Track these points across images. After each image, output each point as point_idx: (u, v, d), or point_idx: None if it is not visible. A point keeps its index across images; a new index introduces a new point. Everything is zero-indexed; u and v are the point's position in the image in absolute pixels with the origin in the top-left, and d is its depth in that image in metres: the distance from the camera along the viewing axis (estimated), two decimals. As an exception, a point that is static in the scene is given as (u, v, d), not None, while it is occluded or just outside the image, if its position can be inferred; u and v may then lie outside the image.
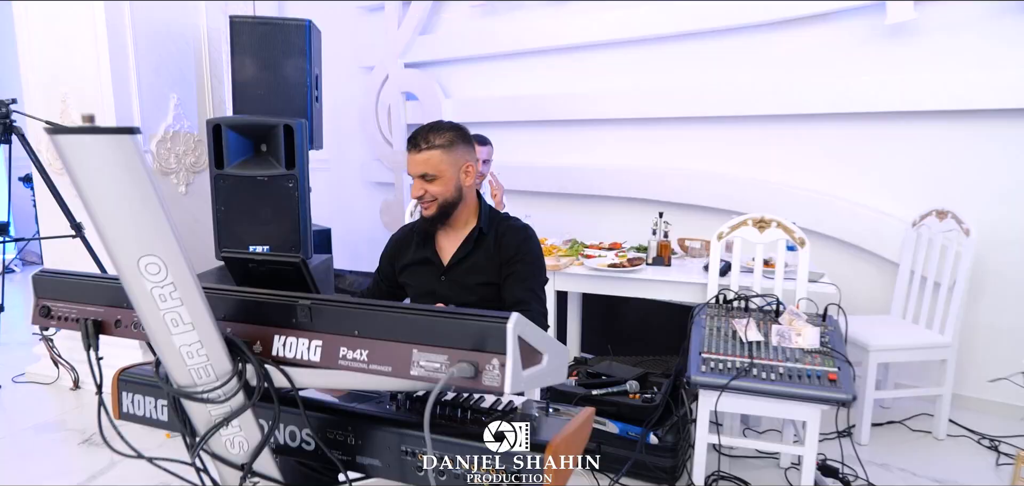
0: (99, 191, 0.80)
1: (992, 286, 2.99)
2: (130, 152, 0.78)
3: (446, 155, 1.60)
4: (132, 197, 0.81)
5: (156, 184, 0.83)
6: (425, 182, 1.61)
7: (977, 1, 2.84)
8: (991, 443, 2.72)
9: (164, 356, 0.94)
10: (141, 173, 0.80)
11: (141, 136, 0.81)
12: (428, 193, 1.61)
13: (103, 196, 0.80)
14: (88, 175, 0.78)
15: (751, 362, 2.10)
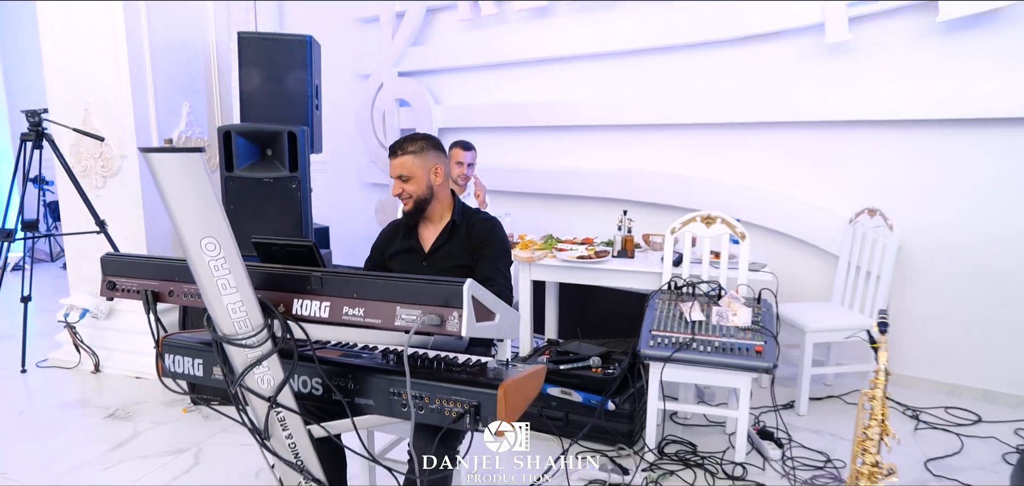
0: (175, 191, 1.14)
1: (917, 277, 3.35)
2: (197, 164, 1.13)
3: (417, 159, 1.97)
4: (197, 195, 1.15)
5: (214, 186, 1.17)
6: (402, 182, 1.98)
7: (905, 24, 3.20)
8: (912, 413, 3.09)
9: (214, 312, 1.28)
10: (204, 178, 1.15)
11: (205, 154, 1.15)
12: (404, 191, 1.98)
13: (178, 195, 1.15)
14: (169, 180, 1.13)
15: (692, 337, 2.46)
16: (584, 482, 2.42)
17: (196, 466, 2.58)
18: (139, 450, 2.71)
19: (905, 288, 3.38)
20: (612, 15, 4.06)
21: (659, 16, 3.87)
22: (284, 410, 1.40)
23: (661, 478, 2.45)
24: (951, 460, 2.66)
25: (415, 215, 2.01)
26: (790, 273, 3.54)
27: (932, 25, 3.11)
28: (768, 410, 2.96)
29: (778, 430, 2.78)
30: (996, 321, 3.16)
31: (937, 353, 3.35)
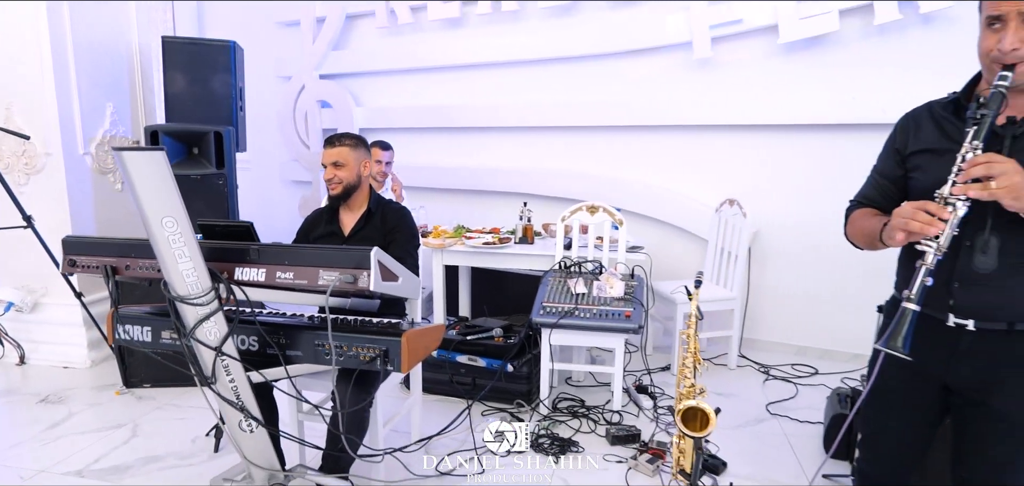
0: (142, 180, 1.46)
1: (770, 256, 3.99)
2: (161, 160, 1.46)
3: (352, 152, 2.35)
4: (161, 183, 1.48)
5: (172, 176, 1.50)
6: (336, 168, 2.34)
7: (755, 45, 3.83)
8: (764, 369, 3.71)
9: (171, 277, 1.60)
10: (166, 170, 1.48)
11: (165, 153, 1.48)
12: (337, 176, 2.34)
13: (145, 183, 1.47)
14: (138, 172, 1.45)
15: (575, 307, 2.94)
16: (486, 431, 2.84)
17: (134, 438, 2.81)
18: (75, 428, 2.90)
19: (762, 266, 4.02)
20: (517, 28, 4.51)
21: (557, 31, 4.36)
22: (227, 358, 1.73)
23: (551, 426, 2.91)
24: (786, 403, 3.26)
25: (342, 198, 2.37)
26: (669, 254, 4.12)
27: (775, 46, 3.75)
28: (645, 372, 3.49)
29: (653, 386, 3.32)
30: (833, 292, 3.82)
31: (786, 320, 4.00)
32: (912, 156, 1.45)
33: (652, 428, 2.92)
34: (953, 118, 1.38)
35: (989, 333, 1.35)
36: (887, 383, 1.45)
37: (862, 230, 1.52)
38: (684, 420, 1.93)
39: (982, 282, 1.32)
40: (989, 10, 1.28)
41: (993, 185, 1.19)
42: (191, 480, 2.48)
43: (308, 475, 2.08)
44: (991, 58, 1.28)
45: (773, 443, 2.83)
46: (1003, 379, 1.36)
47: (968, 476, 1.48)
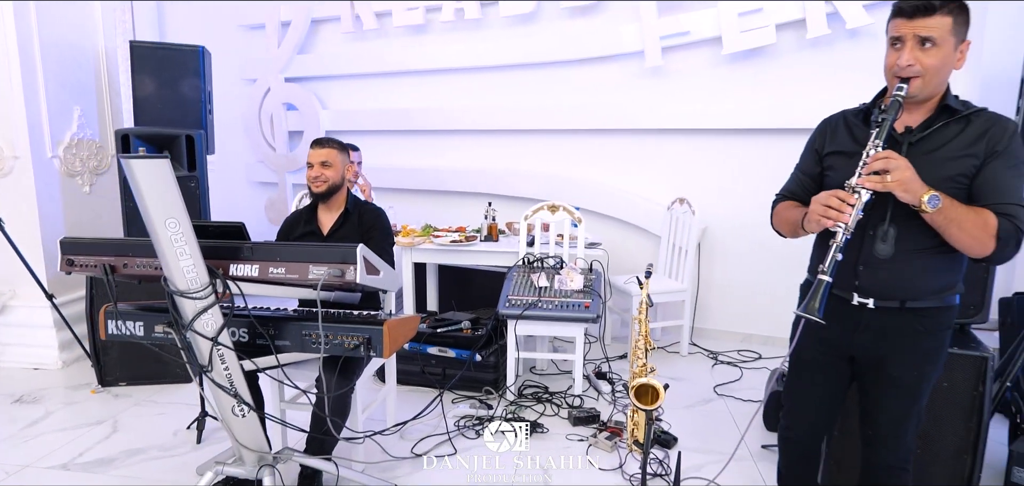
0: (148, 185, 1.61)
1: (718, 252, 4.30)
2: (164, 166, 1.61)
3: (339, 154, 2.54)
4: (165, 188, 1.62)
5: (175, 181, 1.64)
6: (323, 168, 2.51)
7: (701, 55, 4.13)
8: (712, 355, 4.02)
9: (172, 274, 1.74)
10: (169, 176, 1.62)
11: (168, 159, 1.62)
12: (322, 174, 2.50)
13: (150, 188, 1.61)
14: (143, 177, 1.59)
15: (539, 299, 3.16)
16: (457, 417, 3.04)
17: (115, 433, 2.90)
18: (54, 426, 2.97)
19: (710, 260, 4.32)
20: (479, 36, 4.71)
21: (518, 39, 4.58)
22: (223, 348, 1.88)
23: (518, 411, 3.12)
24: (732, 385, 3.56)
25: (325, 197, 2.53)
26: (624, 250, 4.39)
27: (720, 56, 4.05)
28: (604, 360, 3.74)
29: (611, 372, 3.57)
30: (774, 283, 4.13)
31: (734, 310, 4.31)
32: (828, 156, 1.72)
33: (610, 410, 3.17)
34: (862, 125, 1.65)
35: (885, 310, 1.62)
36: (803, 356, 1.73)
37: (786, 220, 1.78)
38: (637, 396, 2.17)
39: (881, 266, 1.59)
40: (892, 32, 1.55)
41: (888, 178, 1.45)
42: (176, 470, 2.59)
43: (294, 457, 2.23)
44: (892, 72, 1.55)
45: (719, 420, 3.11)
46: (896, 349, 1.64)
47: (872, 432, 1.76)
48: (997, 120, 1.53)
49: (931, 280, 1.58)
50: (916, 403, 1.68)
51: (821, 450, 2.04)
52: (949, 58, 1.49)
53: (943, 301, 1.61)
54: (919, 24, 1.47)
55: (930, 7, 1.45)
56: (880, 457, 1.74)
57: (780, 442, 2.03)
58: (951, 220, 1.46)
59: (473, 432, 2.91)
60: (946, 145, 1.53)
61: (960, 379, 2.20)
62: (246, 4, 5.40)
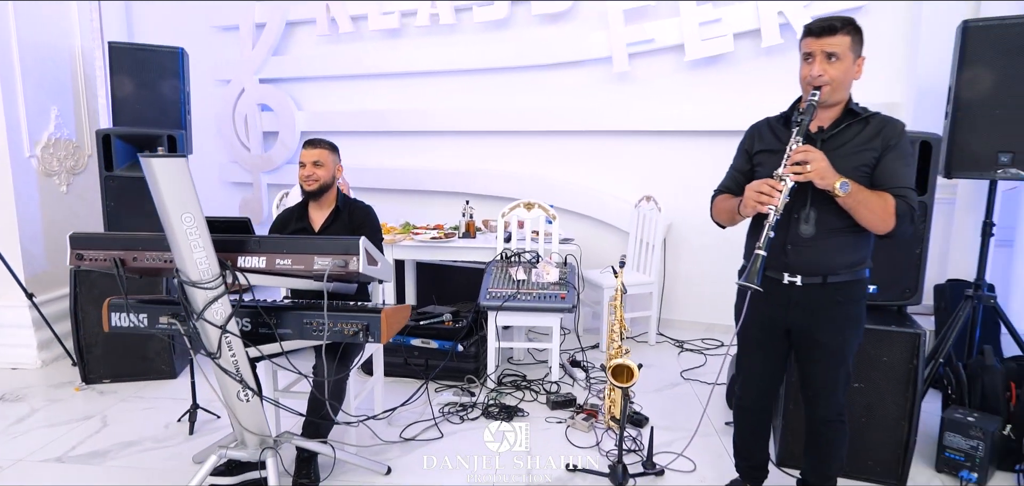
0: (166, 182, 1.73)
1: (683, 246, 4.55)
2: (181, 164, 1.73)
3: (330, 154, 2.67)
4: (181, 185, 1.75)
5: (191, 178, 1.76)
6: (315, 167, 2.62)
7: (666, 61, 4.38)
8: (678, 343, 4.26)
9: (186, 265, 1.86)
10: (186, 173, 1.74)
11: (187, 159, 1.74)
12: (314, 173, 2.62)
13: (167, 185, 1.73)
14: (163, 174, 1.71)
15: (517, 291, 3.34)
16: (441, 405, 3.19)
17: (105, 427, 2.96)
18: (42, 422, 3.01)
19: (676, 254, 4.57)
20: (454, 40, 4.87)
21: (491, 44, 4.75)
22: (231, 336, 2.00)
23: (499, 397, 3.29)
24: (697, 370, 3.79)
25: (316, 195, 2.65)
26: (595, 246, 4.60)
27: (683, 63, 4.31)
28: (579, 350, 3.94)
29: (586, 360, 3.77)
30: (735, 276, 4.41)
31: (699, 301, 4.56)
32: (757, 154, 2.01)
33: (585, 394, 3.37)
34: (783, 127, 1.95)
35: (811, 286, 1.90)
36: (749, 334, 2.02)
37: (724, 210, 2.08)
38: (614, 375, 2.37)
39: (805, 245, 1.88)
40: (804, 48, 1.86)
41: (808, 168, 1.74)
42: (172, 459, 2.68)
43: (294, 439, 2.36)
44: (806, 82, 1.85)
45: (686, 401, 3.34)
46: (823, 319, 1.93)
47: (811, 393, 2.06)
48: (889, 121, 1.85)
49: (846, 256, 1.87)
50: (843, 364, 1.97)
51: (770, 419, 2.29)
52: (850, 70, 1.81)
53: (855, 275, 1.91)
54: (825, 42, 1.78)
55: (833, 28, 1.78)
56: (818, 413, 2.04)
57: (735, 411, 2.27)
58: (859, 202, 1.76)
59: (457, 417, 3.07)
60: (851, 141, 1.84)
61: (898, 355, 2.47)
62: (218, 5, 5.43)
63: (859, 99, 1.93)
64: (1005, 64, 2.74)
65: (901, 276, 2.59)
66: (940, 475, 2.61)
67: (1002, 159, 2.79)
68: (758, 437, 2.25)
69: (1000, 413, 2.66)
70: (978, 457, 2.54)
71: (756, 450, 2.26)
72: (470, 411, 3.13)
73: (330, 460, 2.47)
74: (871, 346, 2.48)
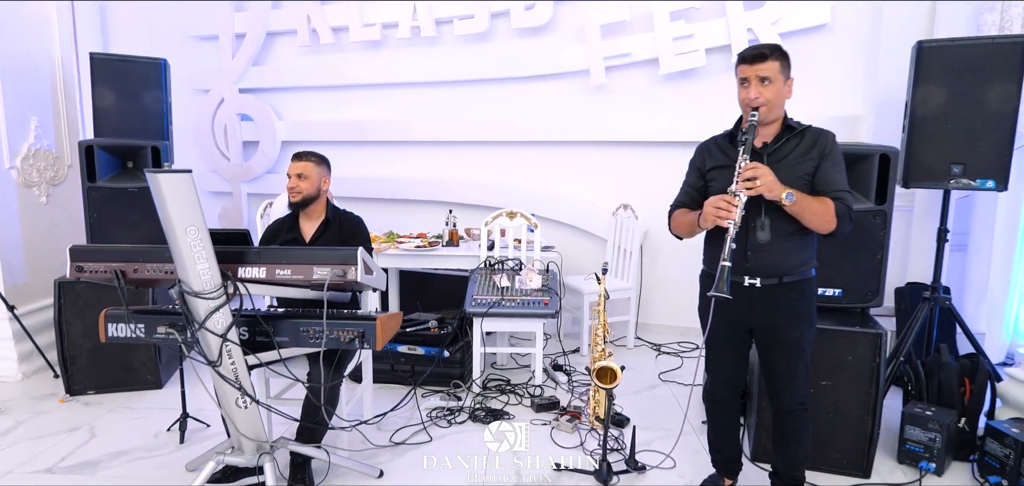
0: (173, 196, 1.79)
1: (660, 253, 4.71)
2: (187, 179, 1.79)
3: (315, 167, 2.73)
4: (186, 200, 1.81)
5: (196, 193, 1.83)
6: (299, 179, 2.69)
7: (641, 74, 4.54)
8: (656, 346, 4.41)
9: (189, 276, 1.92)
10: (191, 189, 1.81)
11: (192, 174, 1.81)
12: (298, 186, 2.68)
13: (174, 199, 1.79)
14: (169, 189, 1.77)
15: (502, 298, 3.44)
16: (429, 409, 3.27)
17: (93, 438, 2.96)
18: (29, 434, 3.00)
19: (653, 260, 4.72)
20: (434, 52, 4.96)
21: (471, 56, 4.86)
22: (231, 344, 2.06)
23: (485, 401, 3.39)
24: (674, 372, 3.94)
25: (300, 206, 2.71)
26: (575, 253, 4.73)
27: (657, 76, 4.47)
28: (561, 354, 4.06)
29: (568, 364, 3.89)
30: (705, 279, 4.59)
31: (675, 306, 4.72)
32: (709, 171, 2.19)
33: (568, 397, 3.48)
34: (729, 145, 2.15)
35: (769, 286, 2.08)
36: (716, 335, 2.16)
37: (684, 224, 2.23)
38: (598, 377, 2.49)
39: (763, 250, 2.05)
40: (739, 74, 2.07)
41: (758, 183, 1.91)
42: (163, 468, 2.71)
43: (289, 445, 2.42)
44: (745, 104, 2.05)
45: (664, 402, 3.47)
46: (782, 317, 2.11)
47: (775, 386, 2.23)
48: (822, 132, 2.08)
49: (797, 257, 2.07)
50: (802, 356, 2.15)
51: (739, 413, 2.47)
52: (781, 90, 2.03)
53: (805, 274, 2.11)
54: (758, 68, 2.00)
55: (763, 55, 2.01)
56: (784, 404, 2.21)
57: (707, 405, 2.42)
58: (804, 208, 1.96)
59: (445, 421, 3.16)
60: (792, 154, 2.05)
61: (861, 353, 2.64)
62: (197, 15, 5.43)
63: (824, 112, 2.13)
64: (956, 82, 2.95)
65: (864, 281, 2.77)
66: (901, 466, 2.79)
67: (954, 170, 3.00)
68: (730, 429, 2.41)
69: (955, 407, 2.86)
70: (936, 448, 2.72)
71: (729, 443, 2.42)
72: (457, 415, 3.21)
73: (324, 465, 2.54)
74: (837, 347, 2.65)
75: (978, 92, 2.92)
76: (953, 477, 2.72)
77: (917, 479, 2.68)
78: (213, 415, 3.06)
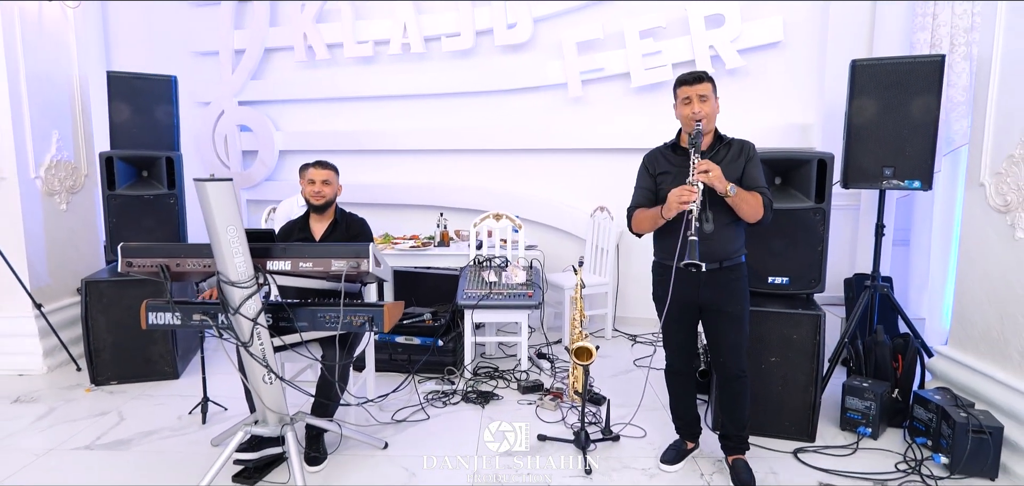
0: (217, 201, 2.13)
1: (634, 250, 5.09)
2: (229, 187, 2.14)
3: (334, 175, 3.08)
4: (228, 203, 2.16)
5: (235, 198, 2.18)
6: (325, 185, 3.02)
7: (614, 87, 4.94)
8: (631, 336, 4.81)
9: (227, 268, 2.26)
10: (231, 194, 2.16)
11: (232, 182, 2.15)
12: (323, 191, 3.01)
13: (218, 203, 2.14)
14: (215, 196, 2.12)
15: (490, 292, 3.81)
16: (425, 393, 3.62)
17: (122, 421, 3.27)
18: (63, 418, 3.30)
19: (628, 257, 5.11)
20: (424, 67, 5.33)
21: (458, 71, 5.24)
22: (260, 326, 2.41)
23: (476, 385, 3.74)
24: (647, 359, 4.32)
25: (323, 208, 3.04)
26: (556, 252, 5.11)
27: (629, 89, 4.88)
28: (545, 345, 4.43)
29: (550, 354, 4.26)
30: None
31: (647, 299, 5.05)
32: (657, 176, 2.60)
33: (551, 381, 3.85)
34: (671, 154, 2.59)
35: (713, 270, 2.49)
36: (671, 314, 2.57)
37: (646, 218, 2.59)
38: (576, 355, 2.86)
39: (708, 239, 2.42)
40: (681, 95, 2.50)
41: (710, 174, 2.32)
42: (191, 444, 3.03)
43: (306, 418, 2.76)
44: (688, 118, 2.47)
45: (638, 383, 3.84)
46: (725, 295, 2.53)
47: (720, 357, 2.64)
48: (745, 142, 2.56)
49: (733, 245, 2.51)
50: (742, 328, 2.58)
51: (693, 381, 2.86)
52: (714, 106, 2.49)
53: (738, 259, 2.56)
54: (697, 88, 2.46)
55: (701, 78, 2.48)
56: (729, 371, 2.62)
57: (667, 377, 2.80)
58: (743, 200, 2.41)
59: (440, 402, 3.51)
60: (724, 159, 2.50)
61: (804, 333, 3.04)
62: (198, 32, 5.74)
63: (779, 121, 2.55)
64: (885, 95, 3.38)
65: (807, 270, 3.17)
66: (843, 432, 3.19)
67: (886, 173, 3.43)
68: (688, 398, 2.82)
69: (889, 379, 3.27)
70: (872, 415, 3.13)
71: (688, 408, 2.82)
72: (452, 397, 3.57)
73: (336, 437, 2.88)
74: (784, 327, 3.05)
75: (904, 104, 3.35)
76: (887, 441, 3.12)
77: (855, 442, 3.08)
78: (230, 400, 3.39)
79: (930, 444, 2.97)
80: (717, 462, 2.87)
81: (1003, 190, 2.92)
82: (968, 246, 3.16)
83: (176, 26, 5.78)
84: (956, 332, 3.27)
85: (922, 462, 2.85)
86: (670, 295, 2.47)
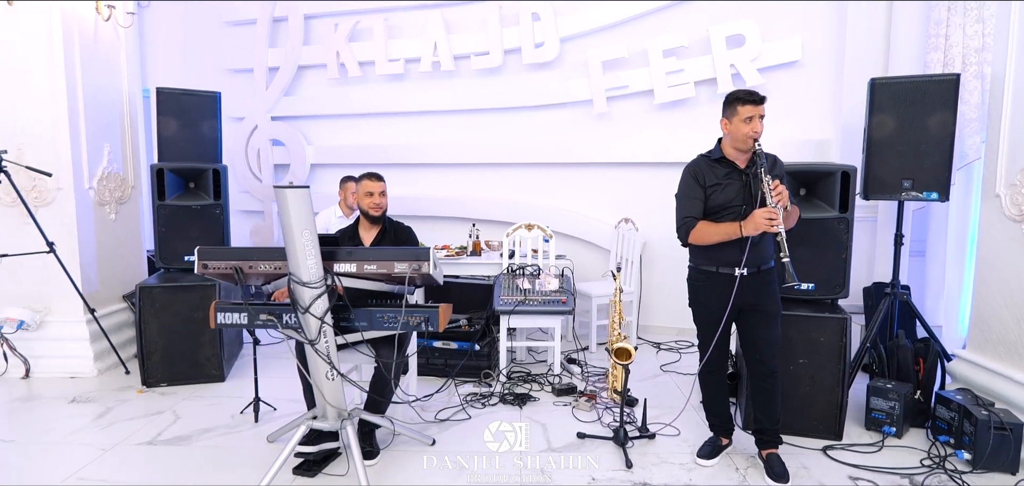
0: (296, 207, 2.31)
1: (658, 261, 5.27)
2: (305, 194, 2.32)
3: (386, 187, 3.24)
4: (304, 209, 2.33)
5: (310, 205, 2.35)
6: (381, 197, 3.19)
7: (639, 103, 5.13)
8: (656, 344, 4.95)
9: (300, 270, 2.43)
10: (307, 200, 2.33)
11: (309, 189, 2.33)
12: (380, 202, 3.18)
13: (295, 209, 2.32)
14: (293, 202, 2.30)
15: (525, 299, 3.97)
16: (464, 395, 3.77)
17: (178, 420, 3.43)
18: (121, 417, 3.46)
19: (651, 268, 5.27)
20: (453, 84, 5.54)
21: (487, 88, 5.45)
22: (326, 325, 2.57)
23: (512, 388, 3.89)
24: (673, 365, 4.48)
25: (378, 218, 3.21)
26: (581, 262, 5.28)
27: (653, 105, 5.08)
28: (574, 351, 4.58)
29: (579, 359, 4.41)
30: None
31: (672, 307, 5.23)
32: (707, 187, 2.73)
33: (583, 384, 4.00)
34: (716, 165, 2.74)
35: (752, 274, 2.67)
36: (714, 317, 2.73)
37: (716, 232, 2.67)
38: (616, 355, 3.02)
39: (753, 247, 2.61)
40: (745, 114, 2.60)
41: (784, 195, 2.50)
42: (248, 441, 3.18)
43: (361, 414, 2.91)
44: (748, 136, 2.60)
45: (667, 388, 4.00)
46: (763, 295, 2.72)
47: (757, 353, 2.81)
48: (776, 158, 2.73)
49: (767, 251, 2.70)
50: (776, 326, 2.78)
51: (726, 378, 3.02)
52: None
53: (771, 263, 2.73)
54: (760, 108, 2.61)
55: (763, 99, 2.63)
56: (763, 367, 2.80)
57: (703, 377, 2.95)
58: (790, 213, 2.62)
59: (479, 404, 3.66)
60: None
61: (831, 335, 3.19)
62: (233, 49, 5.97)
63: (799, 136, 2.72)
64: (903, 111, 3.56)
65: (832, 276, 3.32)
66: (868, 431, 3.33)
67: (905, 185, 3.59)
68: (722, 392, 2.99)
69: (911, 381, 3.42)
70: (896, 415, 3.27)
71: (721, 405, 2.98)
72: (490, 399, 3.72)
73: (388, 433, 3.03)
74: (812, 330, 3.20)
75: (921, 120, 3.53)
76: (910, 440, 3.26)
77: (880, 440, 3.22)
78: (277, 401, 3.55)
79: (952, 442, 3.10)
80: (751, 458, 3.01)
81: (1018, 200, 3.08)
82: (985, 254, 3.32)
83: (210, 44, 6.01)
84: (974, 336, 3.41)
85: (946, 458, 2.99)
86: (732, 300, 2.66)
